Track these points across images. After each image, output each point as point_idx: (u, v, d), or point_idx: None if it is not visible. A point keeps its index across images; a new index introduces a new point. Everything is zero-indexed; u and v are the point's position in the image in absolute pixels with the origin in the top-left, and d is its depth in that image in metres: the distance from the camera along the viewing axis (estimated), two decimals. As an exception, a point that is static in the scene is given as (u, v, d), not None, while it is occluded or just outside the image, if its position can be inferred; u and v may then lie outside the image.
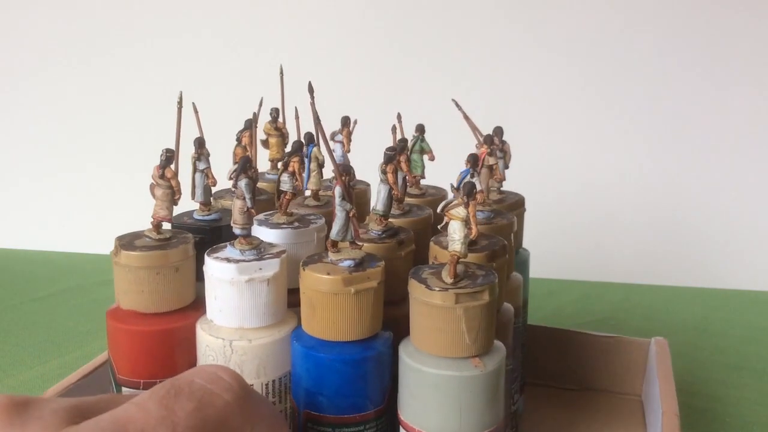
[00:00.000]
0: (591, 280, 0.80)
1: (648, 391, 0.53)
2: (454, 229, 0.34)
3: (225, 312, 0.36)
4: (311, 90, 0.47)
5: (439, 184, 0.49)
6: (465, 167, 0.38)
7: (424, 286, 0.34)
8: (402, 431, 0.35)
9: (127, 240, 0.39)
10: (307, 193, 0.46)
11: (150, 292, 0.38)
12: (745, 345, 0.67)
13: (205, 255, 0.37)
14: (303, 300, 0.36)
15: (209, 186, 0.43)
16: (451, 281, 0.34)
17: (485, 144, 0.43)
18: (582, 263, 0.80)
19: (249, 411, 0.29)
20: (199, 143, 0.42)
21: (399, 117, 0.46)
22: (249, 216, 0.36)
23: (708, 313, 0.74)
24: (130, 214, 0.47)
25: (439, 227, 0.36)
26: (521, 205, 0.49)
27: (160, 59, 0.85)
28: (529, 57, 0.81)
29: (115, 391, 0.40)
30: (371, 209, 0.40)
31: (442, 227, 0.35)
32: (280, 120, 0.50)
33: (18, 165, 0.91)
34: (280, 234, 0.39)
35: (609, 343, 0.56)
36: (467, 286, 0.33)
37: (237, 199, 0.36)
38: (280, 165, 0.42)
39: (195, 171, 0.42)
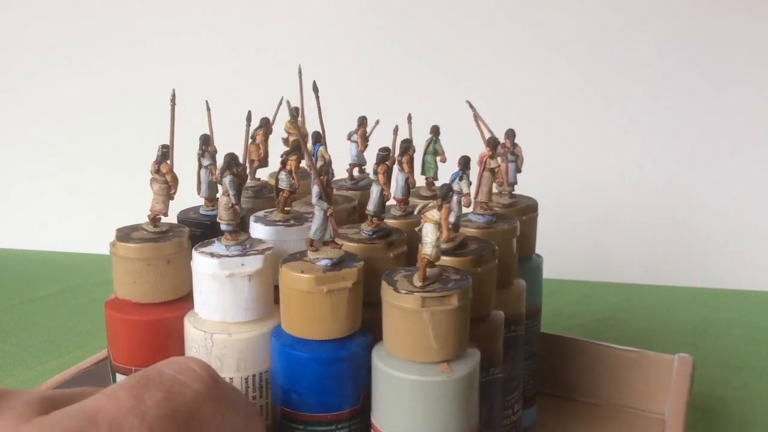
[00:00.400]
0: (591, 280, 0.80)
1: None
2: (426, 232, 0.34)
3: (208, 305, 0.37)
4: (316, 89, 0.48)
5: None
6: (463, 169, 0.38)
7: (392, 288, 0.33)
8: None
9: (125, 232, 0.40)
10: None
11: (142, 282, 0.39)
12: (745, 345, 0.67)
13: (193, 249, 0.38)
14: (281, 297, 0.36)
15: (214, 182, 0.43)
16: (421, 284, 0.33)
17: (488, 146, 0.43)
18: (582, 263, 0.80)
19: (219, 401, 0.30)
20: (204, 140, 0.43)
21: (409, 118, 0.46)
22: (234, 212, 0.37)
23: (708, 313, 0.74)
24: (130, 213, 0.47)
25: (416, 230, 0.35)
26: (533, 210, 0.48)
27: (160, 59, 0.85)
28: (529, 57, 0.81)
29: (112, 379, 0.41)
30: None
31: (419, 230, 0.35)
32: (300, 119, 0.50)
33: (18, 165, 0.91)
34: (274, 231, 0.40)
35: (631, 358, 0.54)
36: (435, 290, 0.33)
37: (223, 195, 0.37)
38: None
39: (200, 167, 0.43)
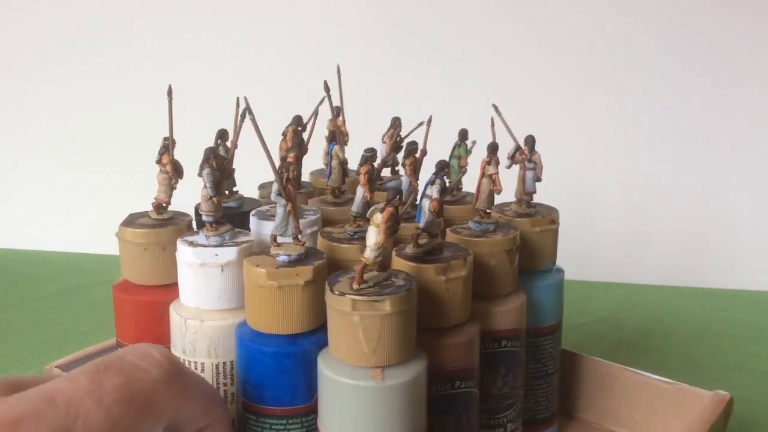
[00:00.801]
0: (591, 280, 0.80)
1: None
2: (368, 235, 0.34)
3: (185, 292, 0.39)
4: (327, 88, 0.48)
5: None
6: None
7: (329, 288, 0.33)
8: None
9: (132, 218, 0.43)
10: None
11: (140, 265, 0.42)
12: (745, 345, 0.67)
13: (178, 238, 0.40)
14: (244, 289, 0.37)
15: (230, 174, 0.44)
16: (357, 287, 0.33)
17: (489, 152, 0.42)
18: (582, 263, 0.80)
19: (178, 388, 0.31)
20: (220, 134, 0.45)
21: (429, 120, 0.46)
22: (213, 204, 0.38)
23: (708, 313, 0.74)
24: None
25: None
26: (553, 221, 0.46)
27: (160, 59, 0.85)
28: (529, 57, 0.81)
29: None
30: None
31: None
32: (340, 119, 0.50)
33: (18, 165, 0.91)
34: (270, 226, 0.40)
35: (665, 389, 0.50)
36: (369, 294, 0.33)
37: (203, 188, 0.39)
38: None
39: None
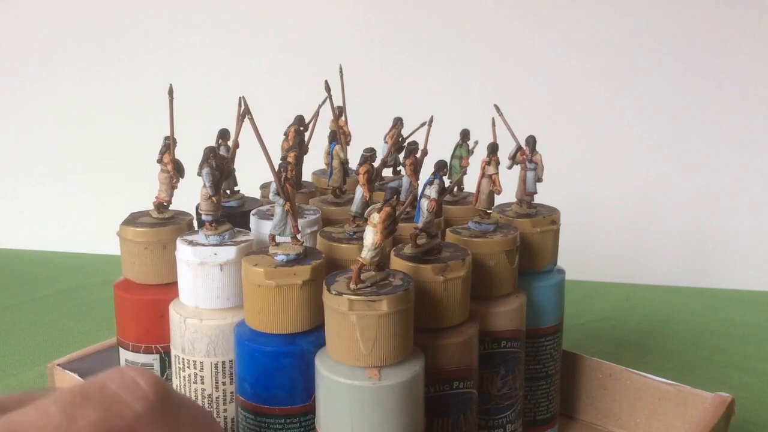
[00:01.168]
0: (591, 280, 0.80)
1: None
2: (365, 235, 0.34)
3: (184, 291, 0.39)
4: (328, 88, 0.48)
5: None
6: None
7: (326, 288, 0.33)
8: None
9: (134, 217, 0.43)
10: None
11: (140, 264, 0.42)
12: (745, 345, 0.67)
13: (178, 237, 0.40)
14: (243, 288, 0.37)
15: (229, 173, 0.44)
16: (354, 287, 0.33)
17: (489, 153, 0.42)
18: (582, 263, 0.80)
19: (165, 425, 0.27)
20: (221, 134, 0.45)
21: (430, 120, 0.46)
22: (212, 203, 0.38)
23: (708, 313, 0.74)
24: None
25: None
26: (554, 222, 0.46)
27: (161, 59, 0.85)
28: (531, 57, 0.81)
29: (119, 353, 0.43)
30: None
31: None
32: (342, 119, 0.50)
33: (18, 165, 0.91)
34: (269, 225, 0.40)
35: (667, 390, 0.50)
36: (366, 294, 0.33)
37: (202, 187, 0.39)
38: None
39: None
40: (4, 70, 0.89)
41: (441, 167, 0.38)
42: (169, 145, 0.42)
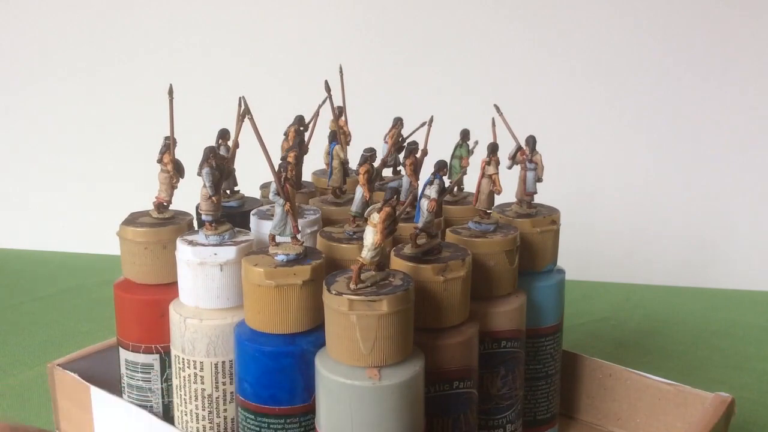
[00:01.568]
0: (591, 280, 0.80)
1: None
2: (366, 235, 0.34)
3: (184, 291, 0.40)
4: (328, 89, 0.48)
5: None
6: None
7: (326, 288, 0.34)
8: None
9: (134, 217, 0.43)
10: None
11: (140, 264, 0.42)
12: (745, 345, 0.67)
13: (178, 237, 0.40)
14: (243, 288, 0.37)
15: (229, 173, 0.44)
16: (354, 287, 0.33)
17: (489, 153, 0.42)
18: (582, 263, 0.80)
19: None
20: (222, 134, 0.45)
21: (430, 121, 0.46)
22: (212, 203, 0.39)
23: (708, 313, 0.74)
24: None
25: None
26: (554, 222, 0.46)
27: (162, 59, 0.85)
28: (531, 57, 0.81)
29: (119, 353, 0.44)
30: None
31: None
32: (342, 119, 0.50)
33: (18, 165, 0.91)
34: (269, 225, 0.40)
35: (667, 390, 0.49)
36: (366, 294, 0.33)
37: (202, 187, 0.39)
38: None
39: None
40: (4, 70, 0.89)
41: (441, 167, 0.38)
42: (169, 145, 0.42)
